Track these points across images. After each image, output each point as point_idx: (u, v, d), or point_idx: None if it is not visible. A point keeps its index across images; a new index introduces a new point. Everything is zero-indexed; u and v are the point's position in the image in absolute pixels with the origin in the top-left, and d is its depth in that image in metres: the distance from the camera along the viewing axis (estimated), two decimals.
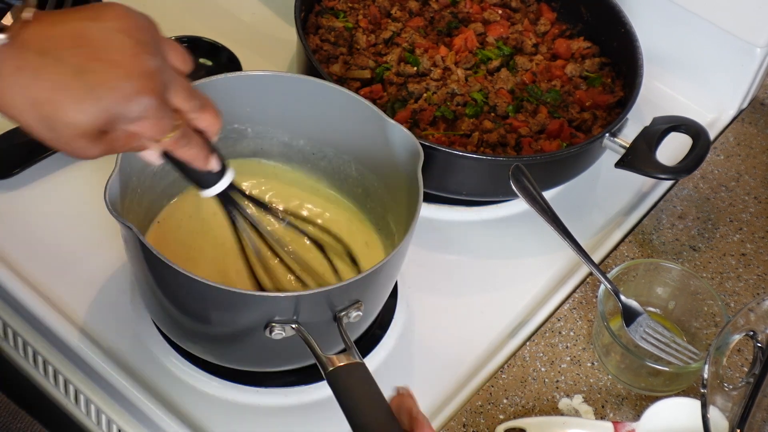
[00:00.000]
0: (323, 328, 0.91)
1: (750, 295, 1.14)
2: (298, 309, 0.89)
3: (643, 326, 1.04)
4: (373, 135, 1.03)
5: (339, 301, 0.91)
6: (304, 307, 0.89)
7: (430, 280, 1.12)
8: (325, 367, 0.85)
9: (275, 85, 1.04)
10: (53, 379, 1.07)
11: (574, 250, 1.07)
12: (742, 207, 1.23)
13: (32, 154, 1.13)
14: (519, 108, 1.20)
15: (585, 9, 1.30)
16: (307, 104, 1.05)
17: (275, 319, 0.89)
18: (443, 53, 1.24)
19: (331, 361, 0.85)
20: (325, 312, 0.91)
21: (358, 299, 0.92)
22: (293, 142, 1.08)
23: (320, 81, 1.04)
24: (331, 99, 1.04)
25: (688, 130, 1.16)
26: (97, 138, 0.75)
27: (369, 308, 0.96)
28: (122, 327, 1.04)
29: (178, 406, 0.99)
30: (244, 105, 1.05)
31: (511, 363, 1.05)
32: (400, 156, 1.01)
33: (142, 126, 0.76)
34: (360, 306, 0.92)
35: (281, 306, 0.89)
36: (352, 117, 1.04)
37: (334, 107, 1.04)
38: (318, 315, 0.91)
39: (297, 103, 1.05)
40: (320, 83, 1.04)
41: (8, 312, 1.07)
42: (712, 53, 1.31)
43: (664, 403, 0.99)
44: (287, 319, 0.89)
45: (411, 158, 0.99)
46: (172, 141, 0.80)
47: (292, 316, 0.89)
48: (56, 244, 1.09)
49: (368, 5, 1.29)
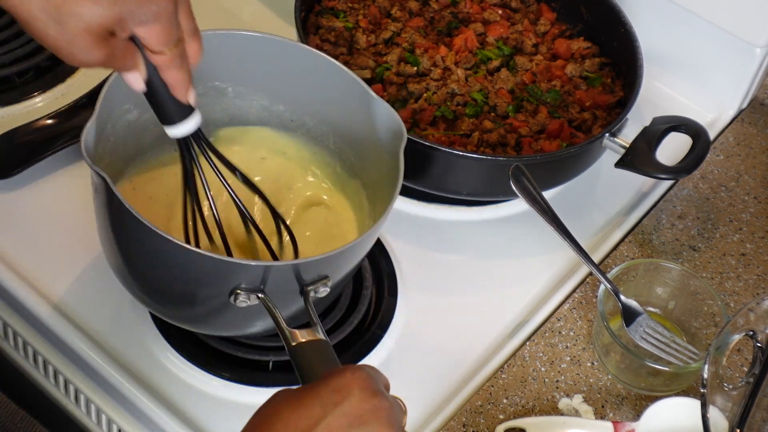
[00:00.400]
0: (289, 301, 0.89)
1: (750, 295, 1.14)
2: (265, 279, 0.87)
3: (643, 326, 1.04)
4: (356, 109, 1.02)
5: (308, 276, 0.89)
6: (272, 278, 0.87)
7: (430, 280, 1.12)
8: (288, 341, 0.83)
9: (261, 46, 1.02)
10: (53, 379, 1.07)
11: (574, 250, 1.07)
12: (741, 207, 1.23)
13: (32, 154, 1.13)
14: (519, 108, 1.21)
15: (585, 9, 1.30)
16: (291, 69, 1.03)
17: (241, 286, 0.87)
18: (443, 53, 1.24)
19: (294, 335, 0.83)
20: (293, 285, 0.89)
21: (327, 275, 0.90)
22: (273, 106, 1.07)
23: (307, 47, 1.03)
24: (317, 67, 1.02)
25: (688, 130, 1.16)
26: (102, 40, 0.74)
27: (335, 285, 0.94)
28: (123, 327, 1.04)
29: (179, 406, 0.99)
30: (229, 63, 1.03)
31: (511, 363, 1.05)
32: (382, 134, 1.00)
33: (150, 31, 0.75)
34: (327, 282, 0.90)
35: (249, 274, 0.87)
36: (336, 88, 1.02)
37: (318, 76, 1.03)
38: (285, 287, 0.89)
39: (281, 67, 1.03)
40: (307, 49, 1.03)
41: (8, 312, 1.07)
42: (712, 53, 1.31)
43: (664, 403, 0.99)
44: (253, 288, 0.87)
45: (394, 138, 0.97)
46: (169, 58, 0.79)
47: (258, 285, 0.87)
48: (56, 244, 1.09)
49: (368, 5, 1.29)
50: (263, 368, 1.03)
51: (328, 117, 1.05)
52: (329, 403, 0.73)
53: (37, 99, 1.21)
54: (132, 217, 0.85)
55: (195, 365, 1.02)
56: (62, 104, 1.18)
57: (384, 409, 0.74)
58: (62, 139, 1.14)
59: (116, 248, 0.93)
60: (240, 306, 0.88)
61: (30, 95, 1.22)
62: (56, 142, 1.14)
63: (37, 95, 1.22)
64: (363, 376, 0.75)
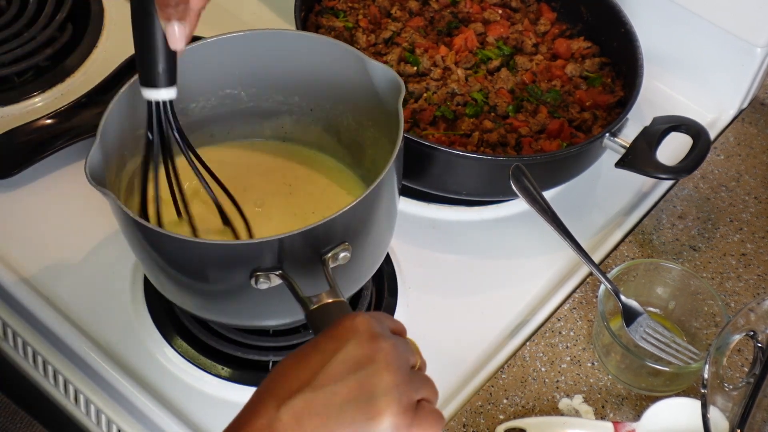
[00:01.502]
0: (309, 274, 0.88)
1: (750, 295, 1.14)
2: (281, 254, 0.87)
3: (643, 326, 1.04)
4: (352, 76, 1.02)
5: (323, 241, 0.88)
6: (288, 251, 0.87)
7: (430, 280, 1.12)
8: (307, 306, 0.83)
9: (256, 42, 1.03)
10: (53, 379, 1.07)
11: (574, 250, 1.07)
12: (742, 207, 1.23)
13: (32, 154, 1.13)
14: (519, 108, 1.20)
15: (585, 9, 1.30)
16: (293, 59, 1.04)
17: (260, 267, 0.87)
18: (443, 53, 1.24)
19: (311, 300, 0.83)
20: (310, 254, 0.88)
21: (344, 239, 0.89)
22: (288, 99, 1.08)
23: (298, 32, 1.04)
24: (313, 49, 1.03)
25: (688, 130, 1.16)
26: None
27: (358, 253, 0.92)
28: (122, 327, 1.04)
29: (178, 406, 0.99)
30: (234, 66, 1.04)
31: (511, 363, 1.05)
32: (382, 92, 1.00)
33: None
34: (347, 247, 0.89)
35: (262, 252, 0.86)
36: (338, 64, 1.03)
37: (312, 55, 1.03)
38: (303, 258, 0.88)
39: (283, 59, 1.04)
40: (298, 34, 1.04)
41: (8, 312, 1.07)
42: (712, 53, 1.31)
43: (665, 403, 0.99)
44: (272, 266, 0.87)
45: (392, 92, 0.98)
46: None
47: (276, 263, 0.87)
48: (56, 244, 1.09)
49: (368, 5, 1.29)
50: (263, 368, 1.03)
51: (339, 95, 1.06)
52: (328, 350, 0.74)
53: (36, 99, 1.22)
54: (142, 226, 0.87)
55: (195, 365, 1.02)
56: (62, 104, 1.18)
57: (383, 351, 0.74)
58: (62, 139, 1.14)
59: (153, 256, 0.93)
60: (261, 288, 0.88)
61: (30, 95, 1.22)
62: (56, 142, 1.14)
63: (36, 95, 1.22)
64: (362, 320, 0.75)
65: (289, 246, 0.86)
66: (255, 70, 1.05)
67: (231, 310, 0.95)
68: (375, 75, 1.00)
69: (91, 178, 0.87)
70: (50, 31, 1.26)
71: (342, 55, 1.02)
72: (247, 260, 0.87)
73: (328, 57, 1.03)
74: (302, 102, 1.08)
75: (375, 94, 1.01)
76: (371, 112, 1.03)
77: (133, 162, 0.99)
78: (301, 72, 1.05)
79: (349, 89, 1.04)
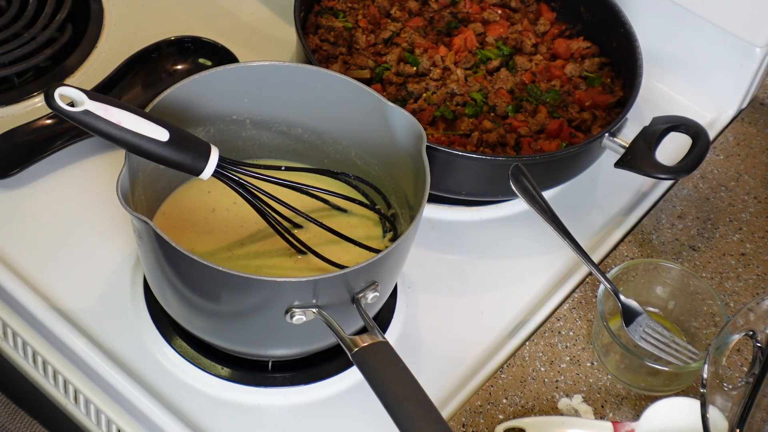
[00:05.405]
0: (343, 311, 0.92)
1: (750, 295, 1.14)
2: (317, 292, 0.89)
3: (643, 326, 1.04)
4: (373, 120, 1.03)
5: (357, 283, 0.91)
6: (323, 291, 0.89)
7: (430, 280, 1.12)
8: (350, 348, 0.86)
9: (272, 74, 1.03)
10: (53, 379, 1.07)
11: (574, 250, 1.07)
12: (741, 207, 1.23)
13: (32, 154, 1.13)
14: (518, 108, 1.21)
15: (585, 9, 1.30)
16: (304, 92, 1.04)
17: (295, 303, 0.89)
18: (443, 53, 1.24)
19: (354, 341, 0.86)
20: (344, 294, 0.91)
21: (375, 280, 0.93)
22: (291, 131, 1.08)
23: (317, 69, 1.03)
24: (330, 86, 1.03)
25: (687, 130, 1.16)
26: None
27: (384, 289, 0.96)
28: (122, 327, 1.04)
29: (178, 407, 0.99)
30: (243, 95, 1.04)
31: (511, 363, 1.05)
32: (402, 139, 1.01)
33: None
34: (377, 287, 0.93)
35: (301, 290, 0.89)
36: (350, 103, 1.03)
37: (332, 94, 1.04)
38: (337, 297, 0.91)
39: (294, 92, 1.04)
40: (317, 70, 1.03)
41: (8, 312, 1.08)
42: (712, 53, 1.31)
43: (664, 403, 0.99)
44: (308, 303, 0.90)
45: (415, 141, 0.99)
46: None
47: (311, 300, 0.89)
48: (56, 244, 1.09)
49: (368, 5, 1.29)
50: (263, 368, 1.03)
51: (346, 132, 1.06)
52: None
53: (36, 99, 1.21)
54: (183, 256, 0.87)
55: (194, 365, 1.02)
56: None
57: None
58: (61, 138, 1.14)
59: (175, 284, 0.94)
60: (296, 324, 0.90)
61: (29, 95, 1.22)
62: (56, 142, 1.14)
63: (36, 95, 1.22)
64: None
65: (325, 286, 0.90)
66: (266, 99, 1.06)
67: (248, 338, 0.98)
68: (393, 120, 1.01)
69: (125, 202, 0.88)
70: (50, 31, 1.26)
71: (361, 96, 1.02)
72: (284, 296, 0.90)
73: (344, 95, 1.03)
74: (304, 134, 1.08)
75: (392, 140, 1.02)
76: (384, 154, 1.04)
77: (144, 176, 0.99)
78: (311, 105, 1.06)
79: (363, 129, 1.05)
